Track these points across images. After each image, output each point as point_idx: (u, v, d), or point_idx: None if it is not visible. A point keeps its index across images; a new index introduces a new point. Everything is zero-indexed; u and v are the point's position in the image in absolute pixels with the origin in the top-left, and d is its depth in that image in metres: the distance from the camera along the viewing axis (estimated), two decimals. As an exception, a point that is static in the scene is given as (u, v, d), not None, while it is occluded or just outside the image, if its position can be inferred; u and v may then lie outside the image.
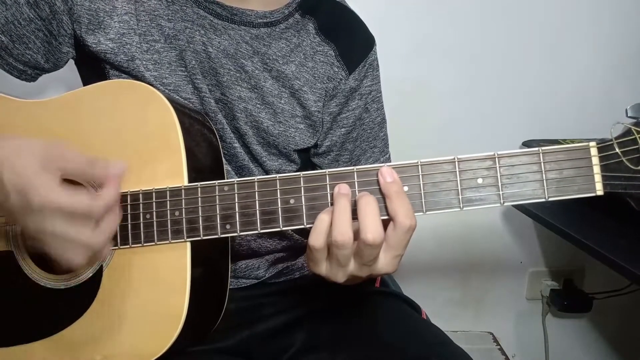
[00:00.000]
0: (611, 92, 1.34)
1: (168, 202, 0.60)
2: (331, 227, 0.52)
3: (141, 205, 0.60)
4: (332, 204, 0.55)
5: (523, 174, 0.53)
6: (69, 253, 0.53)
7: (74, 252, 0.53)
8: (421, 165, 0.54)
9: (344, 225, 0.52)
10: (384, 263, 0.54)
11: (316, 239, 0.53)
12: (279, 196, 0.56)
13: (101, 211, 0.54)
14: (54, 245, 0.53)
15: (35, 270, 0.64)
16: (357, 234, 0.52)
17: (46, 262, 0.63)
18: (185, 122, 0.63)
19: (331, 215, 0.53)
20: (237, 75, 0.72)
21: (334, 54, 0.77)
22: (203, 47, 0.71)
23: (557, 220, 1.05)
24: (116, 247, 0.61)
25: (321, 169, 0.80)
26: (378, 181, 0.54)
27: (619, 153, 0.50)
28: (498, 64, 1.31)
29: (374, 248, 0.52)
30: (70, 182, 0.54)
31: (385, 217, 0.53)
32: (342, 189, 0.54)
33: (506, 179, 0.53)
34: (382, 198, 0.54)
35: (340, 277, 0.55)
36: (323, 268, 0.55)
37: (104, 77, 0.71)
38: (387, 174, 0.53)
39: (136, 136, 0.62)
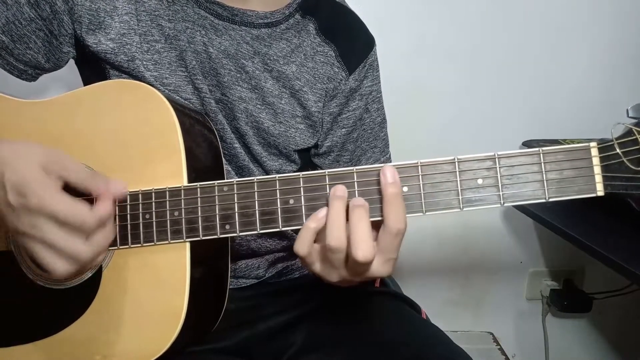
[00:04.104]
0: (611, 92, 1.34)
1: (167, 202, 0.60)
2: (325, 230, 0.52)
3: (140, 205, 0.60)
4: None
5: (523, 174, 0.52)
6: (54, 262, 0.52)
7: (59, 262, 0.52)
8: (421, 165, 0.54)
9: (338, 230, 0.51)
10: (376, 268, 0.53)
11: (300, 246, 0.53)
12: (278, 196, 0.56)
13: (93, 225, 0.53)
14: (40, 252, 0.52)
15: (35, 270, 0.64)
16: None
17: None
18: (185, 122, 0.63)
19: (317, 223, 0.53)
20: (238, 75, 0.72)
21: (334, 54, 0.77)
22: (204, 48, 0.71)
23: (557, 220, 1.05)
24: (115, 248, 0.61)
25: (322, 169, 0.80)
26: (379, 180, 0.53)
27: (620, 153, 0.50)
28: (498, 64, 1.31)
29: (364, 265, 0.51)
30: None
31: (378, 219, 0.53)
32: (338, 190, 0.53)
33: (506, 179, 0.53)
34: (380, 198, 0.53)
35: (333, 277, 0.55)
36: (317, 268, 0.56)
37: (104, 77, 0.71)
38: (388, 174, 0.52)
39: (136, 136, 0.62)
